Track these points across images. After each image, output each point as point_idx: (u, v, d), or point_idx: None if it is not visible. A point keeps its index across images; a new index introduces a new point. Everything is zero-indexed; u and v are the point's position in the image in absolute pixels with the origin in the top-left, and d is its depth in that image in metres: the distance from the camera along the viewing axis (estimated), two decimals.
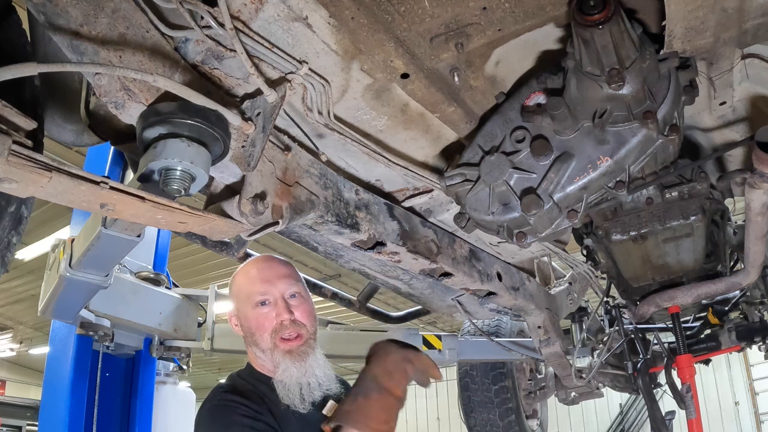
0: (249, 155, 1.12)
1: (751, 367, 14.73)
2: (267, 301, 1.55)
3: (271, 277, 1.58)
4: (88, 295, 2.70)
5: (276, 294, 1.56)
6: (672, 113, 1.34)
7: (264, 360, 1.56)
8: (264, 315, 1.54)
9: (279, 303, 1.55)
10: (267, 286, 1.56)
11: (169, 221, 1.07)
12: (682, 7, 1.15)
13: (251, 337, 1.56)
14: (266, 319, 1.54)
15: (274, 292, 1.56)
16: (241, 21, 1.08)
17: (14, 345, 17.05)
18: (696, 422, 2.75)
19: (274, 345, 1.52)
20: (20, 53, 1.27)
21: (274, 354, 1.52)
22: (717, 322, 3.69)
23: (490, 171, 1.41)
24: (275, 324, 1.53)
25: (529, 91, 1.43)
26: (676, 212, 2.13)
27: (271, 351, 1.52)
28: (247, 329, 1.57)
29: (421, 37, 1.26)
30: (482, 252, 2.05)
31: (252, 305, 1.56)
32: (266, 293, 1.56)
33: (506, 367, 4.29)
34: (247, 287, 1.59)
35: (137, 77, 0.95)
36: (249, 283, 1.59)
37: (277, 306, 1.55)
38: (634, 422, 16.19)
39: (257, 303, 1.55)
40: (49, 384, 3.33)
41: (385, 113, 1.47)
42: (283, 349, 1.51)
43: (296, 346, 1.52)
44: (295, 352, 1.51)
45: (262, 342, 1.53)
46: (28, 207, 1.36)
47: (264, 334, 1.53)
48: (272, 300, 1.56)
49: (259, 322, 1.54)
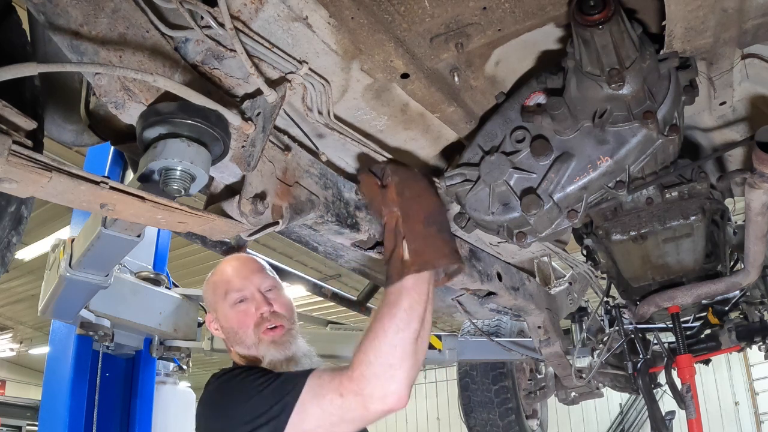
0: (249, 155, 1.12)
1: (751, 367, 14.73)
2: (245, 297, 1.57)
3: (245, 273, 1.61)
4: (88, 295, 2.70)
5: (252, 288, 1.58)
6: (672, 113, 1.34)
7: (249, 358, 1.56)
8: (244, 311, 1.56)
9: (256, 296, 1.57)
10: (242, 281, 1.59)
11: (169, 221, 1.08)
12: (682, 7, 1.15)
13: (234, 335, 1.57)
14: (246, 315, 1.55)
15: (250, 287, 1.58)
16: (241, 21, 1.08)
17: (14, 345, 17.06)
18: (696, 422, 2.75)
19: (259, 338, 1.53)
20: (20, 53, 1.27)
21: (260, 347, 1.53)
22: (717, 322, 3.69)
23: (490, 171, 1.41)
24: (256, 318, 1.55)
25: (529, 91, 1.43)
26: (676, 212, 2.13)
27: (257, 345, 1.54)
28: (230, 329, 1.58)
29: (421, 37, 1.26)
30: (482, 252, 2.05)
31: (231, 303, 1.57)
32: (243, 289, 1.58)
33: (506, 367, 4.29)
34: (223, 287, 1.60)
35: (137, 77, 0.95)
36: (224, 282, 1.61)
37: (255, 299, 1.57)
38: (634, 422, 16.18)
39: (236, 300, 1.57)
40: (49, 384, 3.32)
41: (385, 113, 1.47)
42: (267, 339, 1.53)
43: (279, 335, 1.54)
44: (279, 341, 1.53)
45: (247, 338, 1.55)
46: (28, 207, 1.36)
47: (247, 330, 1.54)
48: (249, 295, 1.57)
49: (240, 319, 1.55)
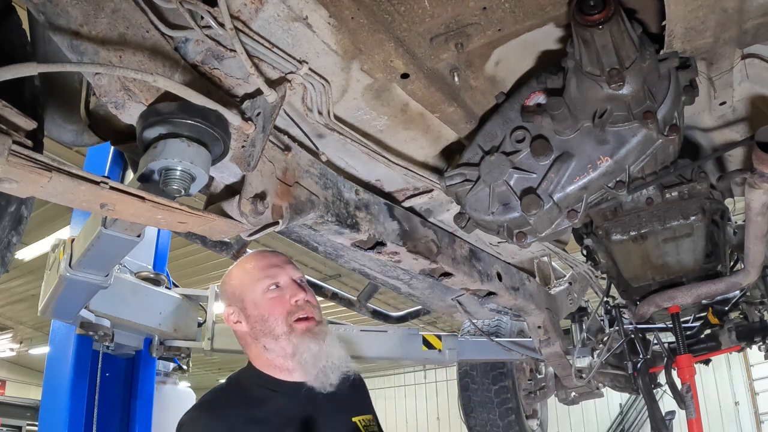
0: (249, 155, 1.12)
1: (751, 367, 14.73)
2: (278, 284, 1.51)
3: (277, 262, 1.55)
4: (88, 295, 2.69)
5: (286, 277, 1.52)
6: (672, 113, 1.34)
7: (276, 350, 1.48)
8: (277, 298, 1.49)
9: (291, 284, 1.52)
10: (275, 269, 1.53)
11: (169, 221, 1.07)
12: (682, 7, 1.15)
13: (263, 324, 1.48)
14: (280, 302, 1.49)
15: (284, 275, 1.52)
16: (241, 21, 1.08)
17: (14, 345, 17.05)
18: (696, 422, 2.75)
19: (290, 328, 1.46)
20: (20, 53, 1.27)
21: (291, 337, 1.46)
22: (717, 322, 3.69)
23: (490, 171, 1.41)
24: (290, 306, 1.48)
25: (529, 91, 1.43)
26: (676, 212, 2.13)
27: (287, 335, 1.46)
28: (258, 317, 1.49)
29: (421, 37, 1.26)
30: (482, 252, 2.05)
31: (262, 291, 1.50)
32: (276, 276, 1.51)
33: (506, 367, 4.29)
34: (253, 275, 1.53)
35: (137, 77, 0.95)
36: (255, 271, 1.54)
37: (291, 287, 1.51)
38: (634, 422, 16.19)
39: (268, 287, 1.50)
40: (49, 384, 3.32)
41: (385, 113, 1.47)
42: (301, 328, 1.47)
43: (313, 325, 1.48)
44: (314, 331, 1.47)
45: (277, 327, 1.47)
46: (28, 207, 1.36)
47: (278, 318, 1.47)
48: (283, 283, 1.51)
49: (272, 306, 1.48)
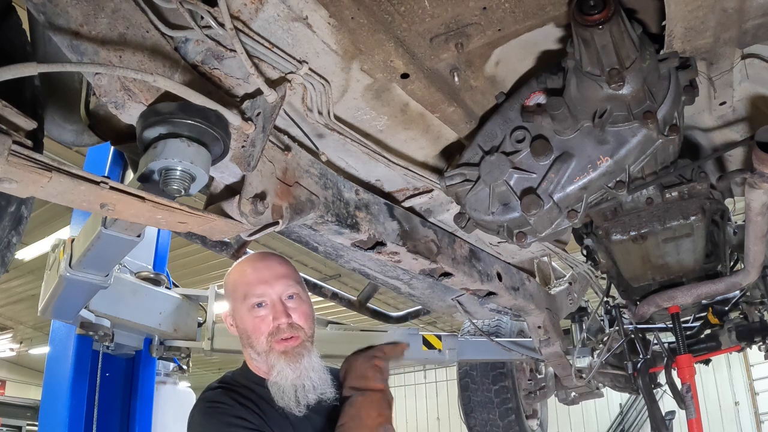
0: (249, 155, 1.12)
1: (751, 367, 14.73)
2: (264, 303, 1.50)
3: (268, 277, 1.52)
4: (88, 295, 2.70)
5: (273, 296, 1.50)
6: (672, 113, 1.34)
7: (259, 362, 1.52)
8: (261, 318, 1.49)
9: (276, 306, 1.49)
10: (264, 287, 1.50)
11: (169, 221, 1.07)
12: (682, 7, 1.15)
13: (247, 339, 1.51)
14: (262, 322, 1.49)
15: (271, 294, 1.50)
16: (241, 21, 1.08)
17: (14, 345, 17.05)
18: (696, 422, 2.75)
19: (270, 347, 1.47)
20: (20, 53, 1.27)
21: (270, 356, 1.47)
22: (717, 322, 3.70)
23: (490, 171, 1.41)
24: (272, 327, 1.48)
25: (529, 91, 1.43)
26: (676, 212, 2.13)
27: (267, 353, 1.48)
28: (243, 330, 1.52)
29: (421, 37, 1.26)
30: (482, 252, 2.05)
31: (248, 307, 1.50)
32: (263, 295, 1.50)
33: (506, 367, 4.29)
34: (243, 287, 1.52)
35: (137, 77, 0.95)
36: (245, 283, 1.53)
37: (275, 309, 1.49)
38: (634, 422, 16.18)
39: (253, 305, 1.49)
40: (49, 384, 3.33)
41: (385, 113, 1.47)
42: (278, 350, 1.47)
43: (291, 346, 1.48)
44: (290, 353, 1.47)
45: (258, 345, 1.49)
46: (28, 207, 1.36)
47: (260, 337, 1.48)
48: (269, 302, 1.50)
49: (255, 325, 1.49)
